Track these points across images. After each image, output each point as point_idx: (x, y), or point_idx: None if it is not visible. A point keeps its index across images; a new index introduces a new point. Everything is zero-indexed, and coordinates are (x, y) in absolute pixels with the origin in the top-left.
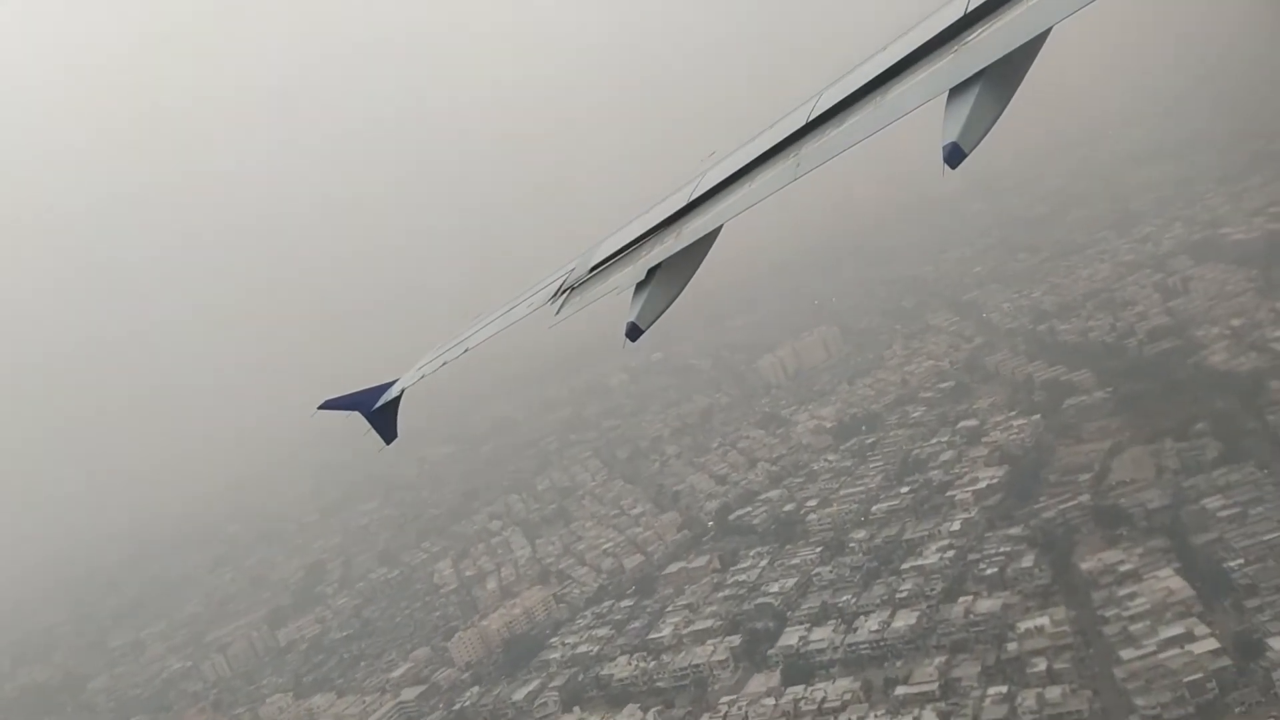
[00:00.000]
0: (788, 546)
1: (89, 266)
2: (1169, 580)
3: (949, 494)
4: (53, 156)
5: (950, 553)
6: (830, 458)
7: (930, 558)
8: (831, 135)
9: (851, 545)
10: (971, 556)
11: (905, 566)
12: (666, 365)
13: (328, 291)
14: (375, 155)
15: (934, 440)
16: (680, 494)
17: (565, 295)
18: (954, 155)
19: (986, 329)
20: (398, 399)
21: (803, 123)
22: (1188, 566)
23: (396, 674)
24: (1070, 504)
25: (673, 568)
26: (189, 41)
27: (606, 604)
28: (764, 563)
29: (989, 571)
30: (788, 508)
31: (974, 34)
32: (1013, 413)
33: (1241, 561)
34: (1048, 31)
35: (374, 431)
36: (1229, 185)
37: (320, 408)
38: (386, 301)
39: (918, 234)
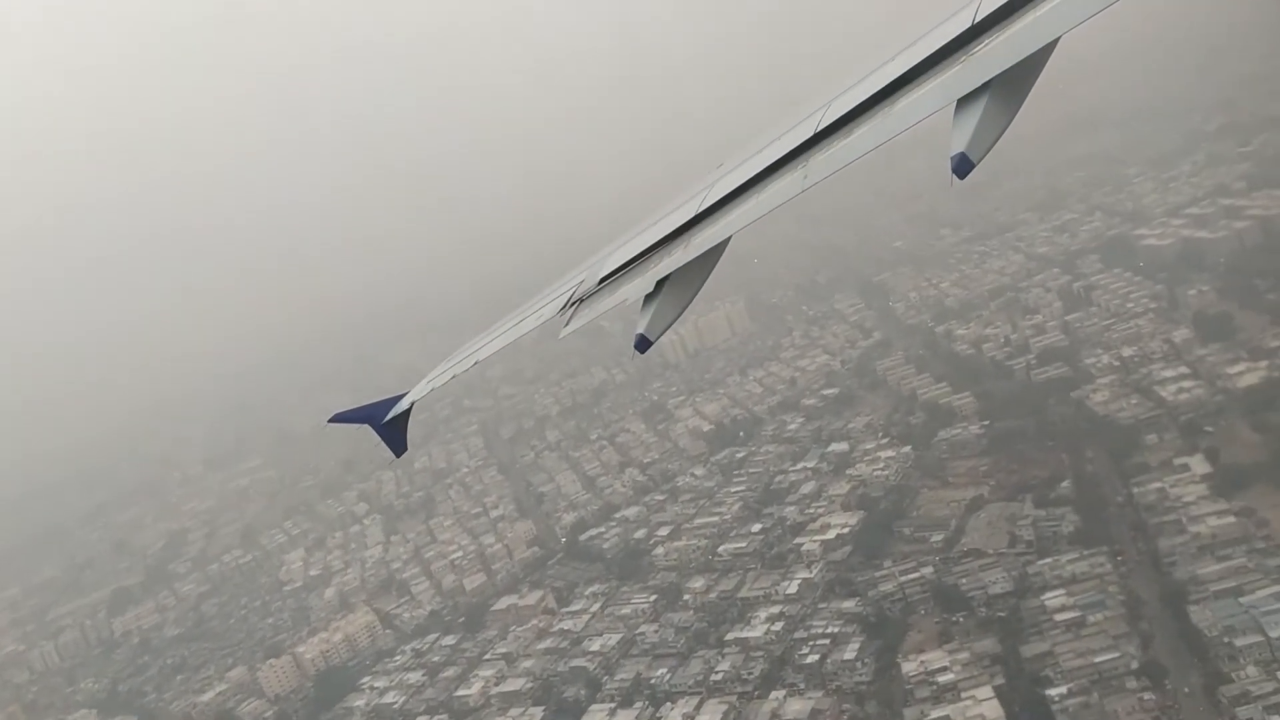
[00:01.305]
0: (624, 588)
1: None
2: (985, 705)
3: (798, 541)
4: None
5: (779, 625)
6: (698, 472)
7: (758, 629)
8: (840, 146)
9: (686, 597)
10: (798, 634)
11: (730, 637)
12: (584, 329)
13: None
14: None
15: (800, 465)
16: (544, 497)
17: (574, 308)
18: (962, 165)
19: (887, 322)
20: (408, 412)
21: (811, 134)
22: (1010, 685)
23: (205, 698)
24: (913, 575)
25: (505, 602)
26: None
27: (431, 638)
28: (596, 606)
29: (810, 659)
30: (639, 534)
31: (981, 44)
32: (885, 439)
33: (1065, 691)
34: (1055, 42)
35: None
36: (1159, 169)
37: (330, 421)
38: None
39: (854, 194)
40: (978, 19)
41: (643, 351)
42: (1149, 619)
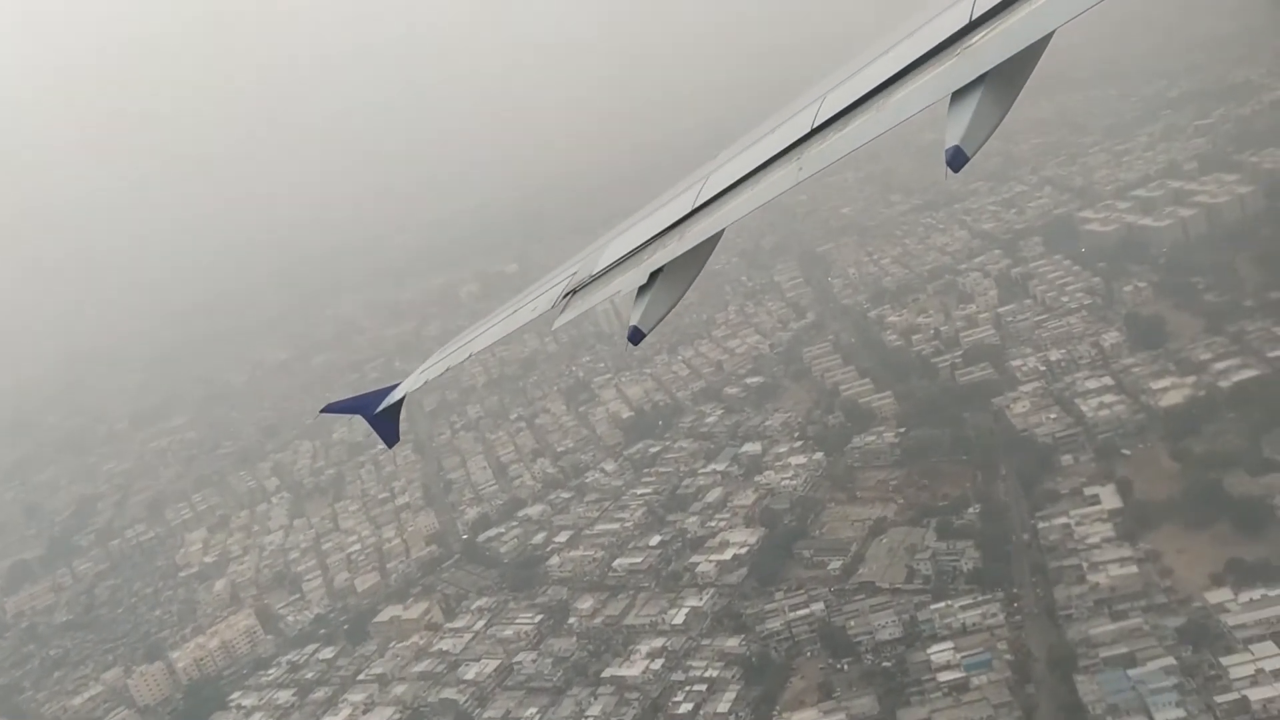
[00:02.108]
0: (512, 604)
1: None
2: None
3: (694, 560)
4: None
5: (659, 662)
6: (608, 468)
7: (637, 665)
8: (834, 138)
9: (572, 620)
10: (675, 676)
11: (608, 674)
12: (521, 281)
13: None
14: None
15: (710, 467)
16: (452, 485)
17: (568, 299)
18: (956, 158)
19: (823, 301)
20: (400, 403)
21: (808, 128)
22: None
23: (77, 702)
24: (802, 612)
25: (389, 613)
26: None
27: (310, 648)
28: (480, 624)
29: (684, 708)
30: (538, 538)
31: (976, 37)
32: (799, 443)
33: None
34: (1050, 35)
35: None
36: (1115, 139)
37: (322, 411)
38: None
39: None
40: (974, 16)
41: (636, 343)
42: (1036, 682)
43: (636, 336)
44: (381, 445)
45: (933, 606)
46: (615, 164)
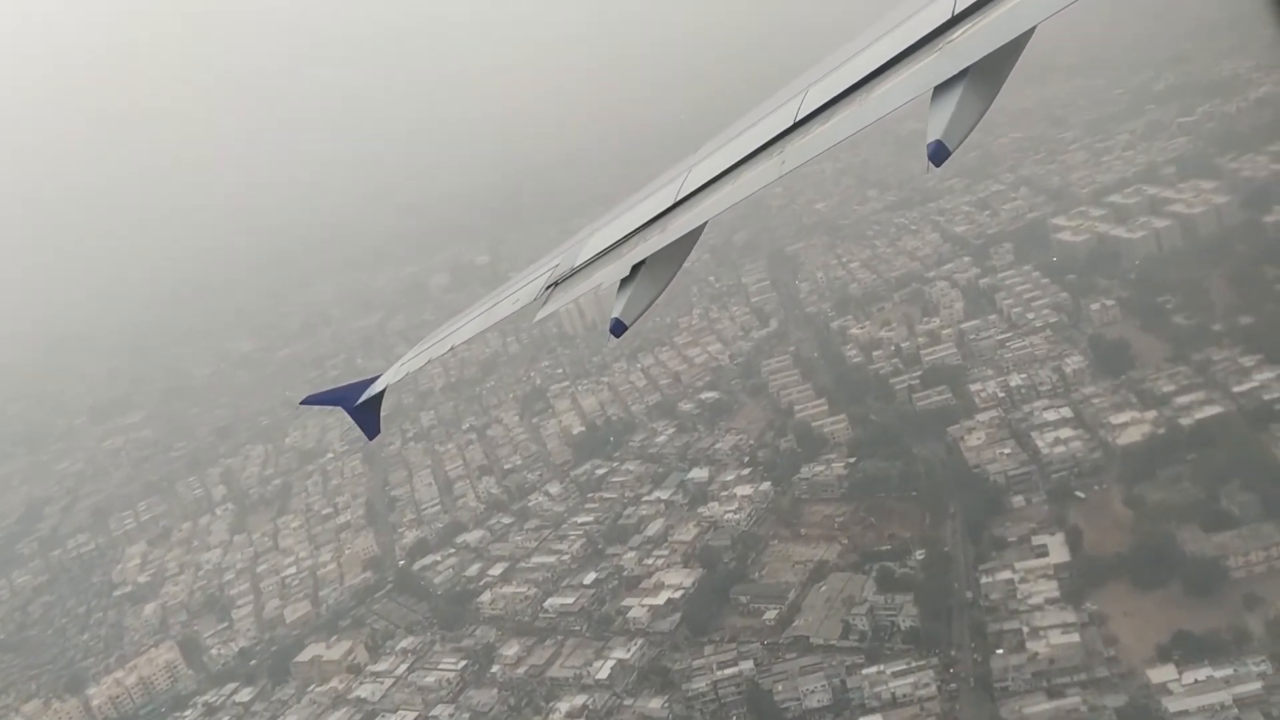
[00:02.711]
0: (438, 646)
1: None
2: None
3: (627, 603)
4: None
5: None
6: (553, 490)
7: None
8: (816, 132)
9: (495, 669)
10: None
11: None
12: (491, 273)
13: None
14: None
15: (655, 494)
16: (396, 503)
17: (549, 291)
18: (938, 153)
19: (788, 307)
20: (381, 394)
21: (791, 122)
22: None
23: None
24: (731, 670)
25: (310, 652)
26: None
27: (229, 688)
28: (403, 668)
29: None
30: (473, 569)
31: (958, 32)
32: (747, 470)
33: None
34: (1032, 30)
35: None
36: (1096, 135)
37: (302, 403)
38: None
39: None
40: (956, 10)
41: (618, 335)
42: None
43: (619, 329)
44: (331, 453)
45: (864, 671)
46: (597, 151)
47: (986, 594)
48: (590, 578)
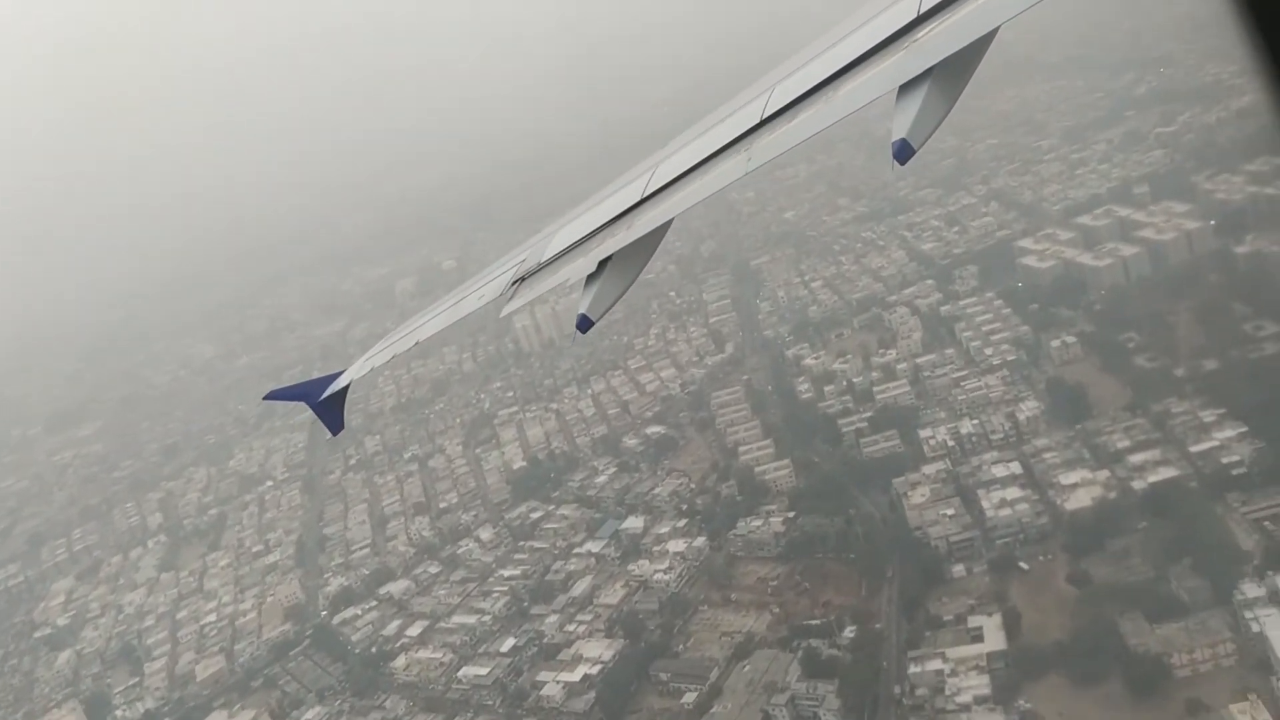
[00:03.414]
0: (344, 719)
1: None
2: None
3: (542, 678)
4: None
5: None
6: (485, 536)
7: None
8: (783, 130)
9: None
10: None
11: None
12: (459, 278)
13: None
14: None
15: (587, 546)
16: (327, 543)
17: (515, 286)
18: (903, 151)
19: (746, 329)
20: (345, 390)
21: (758, 119)
22: None
23: None
24: None
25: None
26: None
27: None
28: None
29: None
30: (392, 627)
31: (923, 31)
32: (682, 522)
33: None
34: (996, 30)
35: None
36: (1073, 144)
37: (265, 398)
38: None
39: None
40: (922, 10)
41: (584, 331)
42: None
43: (585, 324)
44: (271, 480)
45: None
46: (573, 148)
47: (914, 686)
48: (509, 644)
